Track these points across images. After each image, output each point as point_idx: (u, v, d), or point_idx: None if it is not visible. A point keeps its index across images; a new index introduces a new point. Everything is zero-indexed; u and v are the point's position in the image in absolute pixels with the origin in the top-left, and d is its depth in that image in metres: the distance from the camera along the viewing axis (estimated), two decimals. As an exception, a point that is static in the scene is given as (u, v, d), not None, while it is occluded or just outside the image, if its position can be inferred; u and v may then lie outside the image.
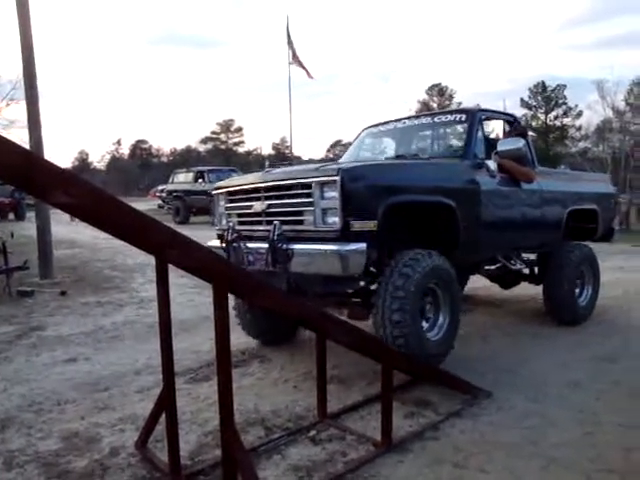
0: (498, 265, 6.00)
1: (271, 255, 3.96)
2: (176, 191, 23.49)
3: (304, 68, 21.11)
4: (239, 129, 78.19)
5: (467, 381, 3.87)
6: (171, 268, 2.56)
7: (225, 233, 4.48)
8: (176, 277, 6.86)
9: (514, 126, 5.84)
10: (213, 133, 78.34)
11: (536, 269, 6.25)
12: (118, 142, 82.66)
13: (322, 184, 3.79)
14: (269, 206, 4.22)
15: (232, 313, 5.13)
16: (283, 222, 4.02)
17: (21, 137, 13.71)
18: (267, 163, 5.53)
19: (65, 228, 17.51)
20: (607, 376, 4.31)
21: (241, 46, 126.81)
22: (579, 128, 51.35)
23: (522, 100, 56.88)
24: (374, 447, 3.08)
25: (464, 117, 5.26)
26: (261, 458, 3.00)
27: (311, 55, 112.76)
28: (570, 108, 54.86)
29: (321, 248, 3.73)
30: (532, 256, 6.39)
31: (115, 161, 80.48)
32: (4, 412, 3.78)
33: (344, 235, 3.69)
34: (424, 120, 5.74)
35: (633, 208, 32.38)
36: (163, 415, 2.87)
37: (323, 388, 3.49)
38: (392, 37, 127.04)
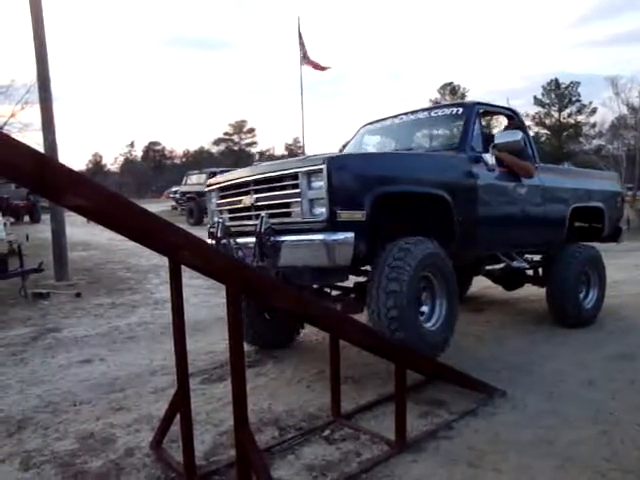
0: (500, 266, 5.95)
1: (259, 249, 3.89)
2: (189, 192, 23.60)
3: (316, 65, 21.06)
4: (251, 130, 78.40)
5: (481, 380, 3.85)
6: (185, 269, 2.58)
7: (214, 230, 4.44)
8: (190, 278, 6.92)
9: (513, 120, 5.76)
10: (226, 134, 78.67)
11: (540, 270, 6.18)
12: (131, 144, 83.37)
13: (309, 174, 3.74)
14: (257, 200, 4.18)
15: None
16: (272, 215, 3.97)
17: (36, 140, 13.83)
18: (257, 157, 5.54)
19: (80, 230, 17.66)
20: (623, 375, 4.27)
21: (253, 47, 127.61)
22: (593, 125, 50.98)
23: (535, 98, 56.64)
24: (388, 447, 3.08)
25: (461, 110, 5.19)
26: (275, 458, 3.01)
27: (322, 55, 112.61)
28: (584, 105, 54.53)
29: (307, 238, 3.69)
30: (537, 257, 6.29)
31: (129, 163, 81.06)
32: (21, 413, 3.82)
33: (331, 225, 3.64)
34: (421, 115, 5.64)
35: (649, 205, 32.06)
36: (178, 415, 2.89)
37: (337, 388, 3.49)
38: (403, 35, 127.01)
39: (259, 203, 4.16)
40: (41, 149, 9.59)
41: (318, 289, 4.90)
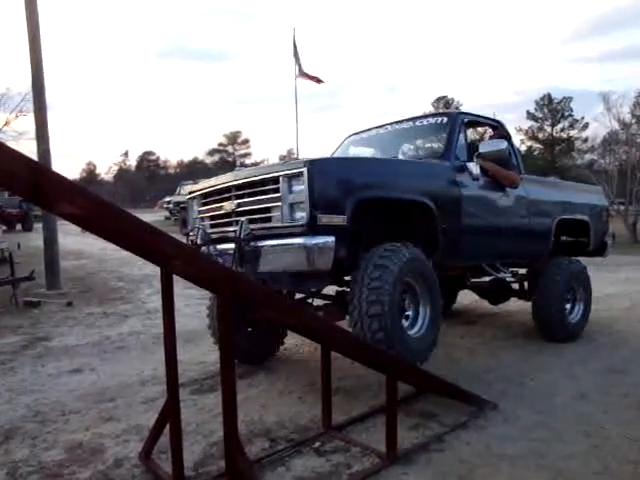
0: (486, 279, 5.94)
1: (238, 254, 3.83)
2: (183, 202, 23.56)
3: (312, 77, 21.11)
4: (246, 141, 78.56)
5: (473, 393, 3.84)
6: (178, 279, 2.57)
7: (194, 236, 4.40)
8: (183, 288, 6.90)
9: (498, 130, 5.75)
10: (220, 145, 78.80)
11: (526, 284, 6.14)
12: (125, 154, 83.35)
13: (290, 177, 3.70)
14: (239, 205, 4.11)
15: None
16: (252, 221, 3.92)
17: (30, 148, 13.81)
18: (238, 163, 5.49)
19: (73, 239, 17.59)
20: (615, 388, 4.28)
21: (248, 59, 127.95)
22: (585, 140, 51.31)
23: (528, 112, 57.02)
24: (379, 459, 3.06)
25: (445, 120, 5.17)
26: (265, 469, 2.98)
27: (319, 68, 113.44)
28: (576, 120, 54.97)
29: (287, 242, 3.64)
30: (522, 271, 6.18)
31: (122, 173, 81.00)
32: (9, 422, 3.78)
33: (311, 229, 3.58)
34: (406, 125, 5.62)
35: (641, 220, 32.23)
36: (168, 426, 2.86)
37: (328, 400, 3.47)
38: (399, 49, 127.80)
39: (240, 209, 4.09)
40: (35, 157, 9.57)
41: (301, 299, 4.89)
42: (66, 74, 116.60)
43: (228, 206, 4.21)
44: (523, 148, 56.89)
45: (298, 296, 4.91)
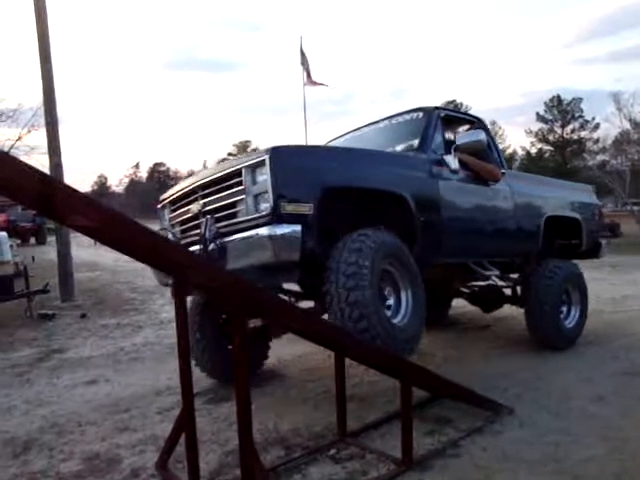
0: (477, 286, 5.85)
1: (204, 253, 3.63)
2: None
3: (320, 84, 21.15)
4: (255, 150, 78.76)
5: (488, 397, 3.82)
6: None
7: None
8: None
9: (475, 125, 5.58)
10: (230, 154, 79.01)
11: (519, 290, 5.85)
12: (136, 165, 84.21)
13: (253, 168, 3.55)
14: (205, 205, 3.94)
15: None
16: (219, 219, 3.74)
17: (42, 162, 13.95)
18: (204, 161, 5.32)
19: (86, 251, 17.73)
20: (632, 390, 4.23)
21: (256, 68, 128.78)
22: (597, 141, 50.93)
23: (538, 114, 56.66)
24: (395, 465, 3.04)
25: (421, 115, 5.05)
26: (281, 477, 2.98)
27: (327, 75, 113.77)
28: (587, 121, 54.46)
29: (251, 234, 3.45)
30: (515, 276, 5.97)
31: (134, 184, 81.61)
32: (26, 434, 3.81)
33: (275, 218, 3.40)
34: (382, 124, 5.49)
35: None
36: (183, 435, 2.87)
37: (343, 406, 3.46)
38: (407, 54, 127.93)
39: (207, 208, 3.91)
40: (47, 171, 9.68)
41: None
42: (77, 88, 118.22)
43: (195, 207, 4.04)
44: (533, 151, 56.66)
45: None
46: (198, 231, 3.91)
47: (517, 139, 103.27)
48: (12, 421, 4.10)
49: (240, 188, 3.63)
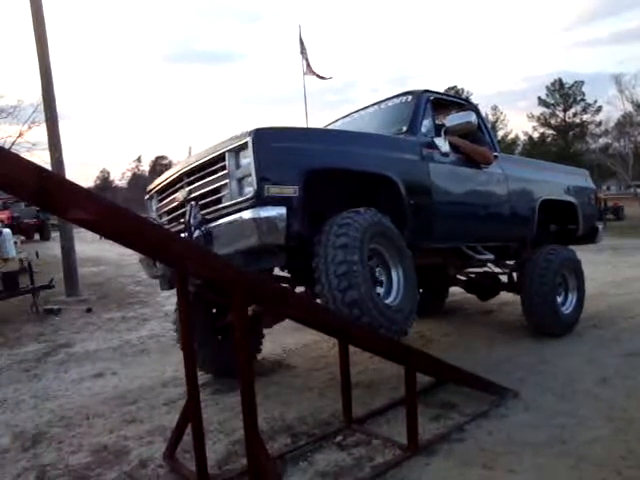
0: (472, 272, 5.80)
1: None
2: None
3: (319, 75, 21.10)
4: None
5: (492, 381, 3.83)
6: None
7: None
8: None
9: (466, 107, 5.47)
10: (231, 146, 78.86)
11: (515, 277, 5.83)
12: (138, 159, 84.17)
13: (236, 152, 3.49)
14: (190, 192, 3.87)
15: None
16: (204, 206, 3.69)
17: (44, 159, 13.96)
18: (189, 147, 5.22)
19: (90, 246, 17.78)
20: (636, 372, 4.24)
21: (257, 59, 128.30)
22: (599, 124, 50.73)
23: (539, 98, 56.41)
24: (400, 451, 3.06)
25: (410, 98, 4.95)
26: (288, 465, 3.00)
27: (327, 64, 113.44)
28: (589, 104, 54.19)
29: (235, 218, 3.37)
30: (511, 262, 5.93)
31: (136, 178, 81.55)
32: (35, 427, 3.84)
33: (259, 201, 3.32)
34: (371, 110, 5.40)
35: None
36: (190, 426, 2.89)
37: (348, 394, 3.48)
38: (407, 41, 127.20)
39: (192, 195, 3.84)
40: (49, 167, 9.70)
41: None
42: (77, 83, 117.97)
43: (181, 195, 3.98)
44: (536, 135, 56.45)
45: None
46: (183, 219, 3.84)
47: (519, 124, 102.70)
48: (21, 415, 4.13)
49: (224, 173, 3.56)
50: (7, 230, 11.07)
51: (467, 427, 3.36)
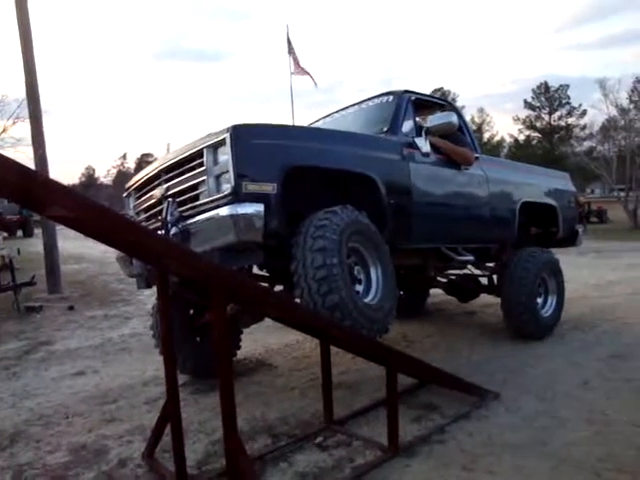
0: (453, 274, 5.81)
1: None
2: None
3: (307, 73, 21.08)
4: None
5: (474, 383, 3.84)
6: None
7: None
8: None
9: (446, 108, 5.48)
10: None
11: (495, 279, 5.86)
12: (124, 156, 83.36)
13: (214, 148, 3.46)
14: (167, 189, 3.80)
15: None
16: (182, 203, 3.62)
17: (28, 155, 13.81)
18: (168, 144, 5.14)
19: (73, 243, 17.59)
20: (617, 374, 4.28)
21: (244, 58, 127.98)
22: (584, 127, 51.11)
23: (525, 101, 56.78)
24: (381, 452, 3.06)
25: (391, 98, 4.94)
26: (267, 466, 2.98)
27: (315, 64, 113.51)
28: (574, 108, 54.62)
29: (212, 214, 3.33)
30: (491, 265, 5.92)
31: (121, 175, 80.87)
32: (13, 426, 3.79)
33: (237, 197, 3.27)
34: (352, 109, 5.39)
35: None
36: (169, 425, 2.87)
37: (329, 394, 3.47)
38: (394, 42, 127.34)
39: (169, 192, 3.77)
40: (32, 163, 9.60)
41: None
42: (62, 79, 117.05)
43: (158, 192, 3.90)
44: (521, 138, 56.77)
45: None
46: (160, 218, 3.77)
47: (506, 126, 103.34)
48: (-2, 414, 4.08)
49: (202, 169, 3.52)
50: (-12, 227, 10.95)
51: (448, 428, 3.36)
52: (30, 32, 9.71)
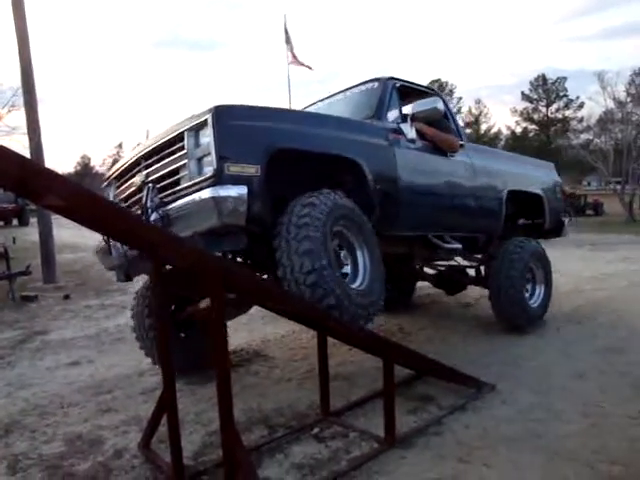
0: (440, 266, 5.81)
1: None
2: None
3: (303, 64, 21.00)
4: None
5: (470, 375, 3.85)
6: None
7: None
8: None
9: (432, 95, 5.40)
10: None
11: (483, 270, 5.86)
12: (120, 145, 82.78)
13: (196, 130, 3.36)
14: (147, 175, 3.71)
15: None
16: (163, 188, 3.53)
17: (23, 143, 13.72)
18: (147, 131, 5.10)
19: (68, 232, 17.52)
20: (612, 367, 4.29)
21: (241, 47, 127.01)
22: (581, 120, 51.11)
23: (523, 93, 56.82)
24: (377, 444, 3.06)
25: (376, 85, 4.90)
26: (264, 457, 2.99)
27: (312, 54, 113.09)
28: (571, 100, 54.73)
29: (193, 198, 3.21)
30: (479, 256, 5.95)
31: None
32: (8, 416, 3.78)
33: (219, 179, 3.17)
34: (339, 97, 5.34)
35: (637, 198, 32.32)
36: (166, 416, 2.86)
37: (325, 386, 3.47)
38: (392, 33, 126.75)
39: (149, 179, 3.66)
40: (27, 152, 9.56)
41: None
42: (58, 67, 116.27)
43: (138, 179, 3.80)
44: (518, 130, 56.80)
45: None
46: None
47: (504, 118, 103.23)
48: (-7, 404, 4.07)
49: (183, 153, 3.43)
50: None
51: (444, 420, 3.37)
52: (25, 20, 9.62)
